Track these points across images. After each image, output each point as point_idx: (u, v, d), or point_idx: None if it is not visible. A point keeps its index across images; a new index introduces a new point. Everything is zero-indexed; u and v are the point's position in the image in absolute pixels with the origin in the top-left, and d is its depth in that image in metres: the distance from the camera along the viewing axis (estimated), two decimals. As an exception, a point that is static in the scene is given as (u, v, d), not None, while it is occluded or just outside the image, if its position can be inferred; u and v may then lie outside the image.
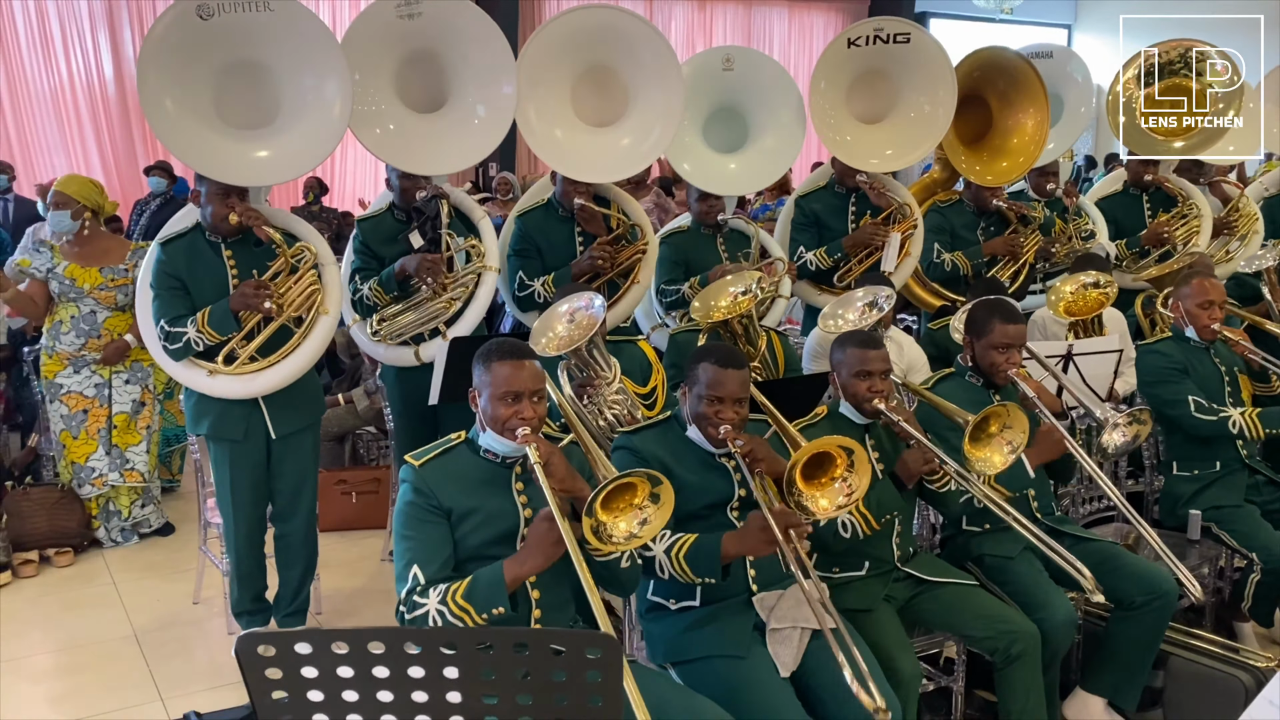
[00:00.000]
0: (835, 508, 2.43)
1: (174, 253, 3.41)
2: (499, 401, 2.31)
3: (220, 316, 3.33)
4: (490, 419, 2.33)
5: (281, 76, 3.50)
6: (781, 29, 13.79)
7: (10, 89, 9.24)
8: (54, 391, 4.54)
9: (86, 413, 4.55)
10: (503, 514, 2.33)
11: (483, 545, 2.30)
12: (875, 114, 4.70)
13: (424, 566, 2.24)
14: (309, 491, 3.71)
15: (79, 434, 4.54)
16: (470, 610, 2.17)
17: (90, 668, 3.59)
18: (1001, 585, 3.03)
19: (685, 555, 2.49)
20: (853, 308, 3.83)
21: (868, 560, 2.88)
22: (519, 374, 2.31)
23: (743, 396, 2.60)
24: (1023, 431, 2.78)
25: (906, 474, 2.83)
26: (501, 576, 2.18)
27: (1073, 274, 4.22)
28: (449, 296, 3.82)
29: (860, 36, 4.52)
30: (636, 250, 4.11)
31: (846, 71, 4.60)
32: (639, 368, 3.56)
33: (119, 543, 4.65)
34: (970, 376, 3.31)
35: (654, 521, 2.15)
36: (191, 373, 3.41)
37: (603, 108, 4.23)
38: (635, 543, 2.16)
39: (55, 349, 4.52)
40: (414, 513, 2.29)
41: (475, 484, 2.34)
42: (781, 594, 2.55)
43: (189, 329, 3.33)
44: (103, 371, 4.55)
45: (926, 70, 4.56)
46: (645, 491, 2.16)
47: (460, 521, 2.31)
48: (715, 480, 2.63)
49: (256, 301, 3.31)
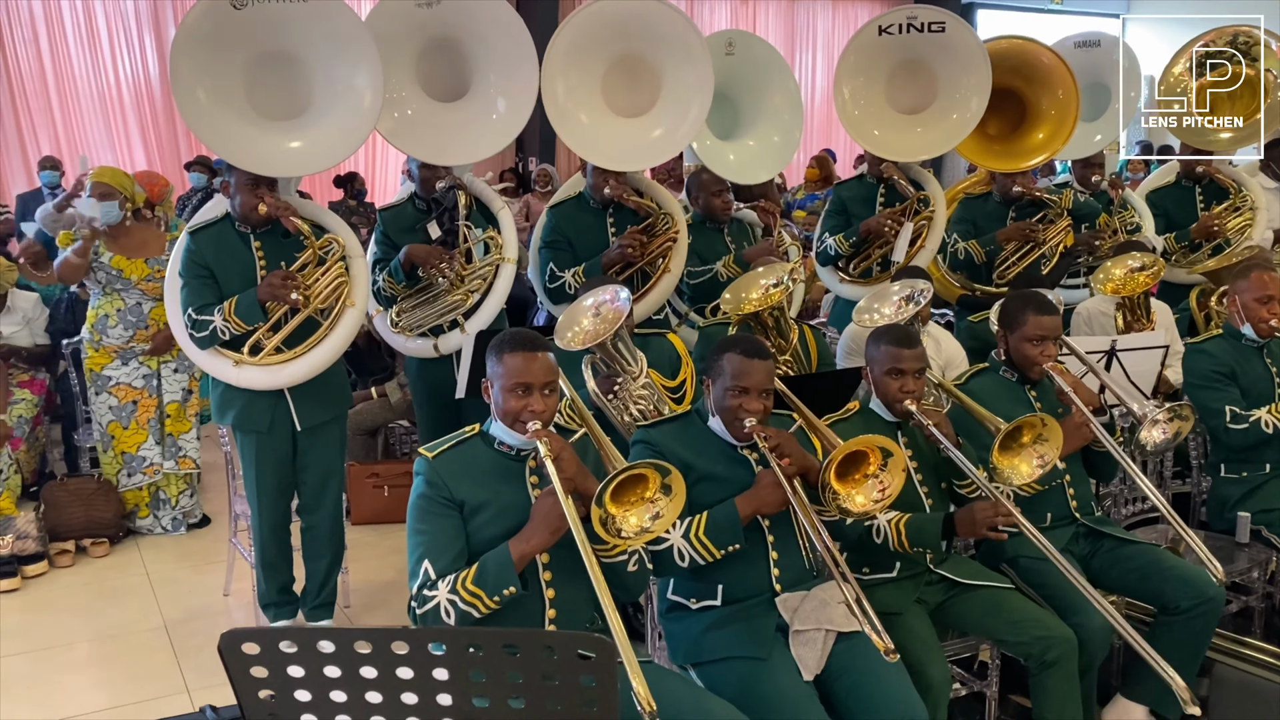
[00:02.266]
0: (872, 504, 2.35)
1: (203, 242, 3.41)
2: (509, 393, 2.26)
3: (247, 306, 3.33)
4: (501, 411, 2.29)
5: (313, 67, 3.48)
6: (825, 23, 13.60)
7: (59, 87, 9.39)
8: (101, 384, 4.61)
9: (136, 404, 4.63)
10: (516, 507, 2.28)
11: (496, 538, 2.25)
12: (916, 104, 4.60)
13: (435, 560, 2.21)
14: (335, 484, 3.70)
15: (129, 424, 4.61)
16: (481, 595, 2.13)
17: (121, 658, 3.61)
18: (1037, 588, 2.93)
19: (705, 531, 2.44)
20: (889, 301, 3.74)
21: (899, 561, 2.80)
22: (530, 366, 2.26)
23: (768, 388, 2.54)
24: (1056, 446, 2.68)
25: (968, 529, 2.67)
26: (509, 556, 2.15)
27: (1118, 257, 4.11)
28: (466, 289, 3.79)
29: (892, 24, 4.43)
30: (667, 239, 4.04)
31: (883, 61, 4.51)
32: (668, 361, 3.50)
33: (168, 530, 4.73)
34: (1004, 371, 3.22)
35: (666, 514, 2.10)
36: (218, 362, 3.41)
37: (633, 97, 4.17)
38: (647, 536, 2.11)
39: (102, 343, 4.58)
40: (426, 505, 2.26)
41: (488, 476, 2.30)
42: (805, 594, 2.48)
43: (215, 317, 3.33)
44: (150, 363, 4.63)
45: (963, 60, 4.45)
46: (656, 483, 2.11)
47: (473, 514, 2.27)
48: (737, 472, 2.56)
49: (283, 292, 3.30)
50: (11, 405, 5.01)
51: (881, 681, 2.32)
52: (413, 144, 3.88)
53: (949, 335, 4.15)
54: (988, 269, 4.64)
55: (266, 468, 3.52)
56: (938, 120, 4.52)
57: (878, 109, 4.52)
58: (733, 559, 2.46)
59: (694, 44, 4.01)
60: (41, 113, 9.36)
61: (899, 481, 2.36)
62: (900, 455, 2.37)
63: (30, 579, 4.22)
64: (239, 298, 3.34)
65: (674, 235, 4.07)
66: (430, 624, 2.16)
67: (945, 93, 4.53)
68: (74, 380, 5.07)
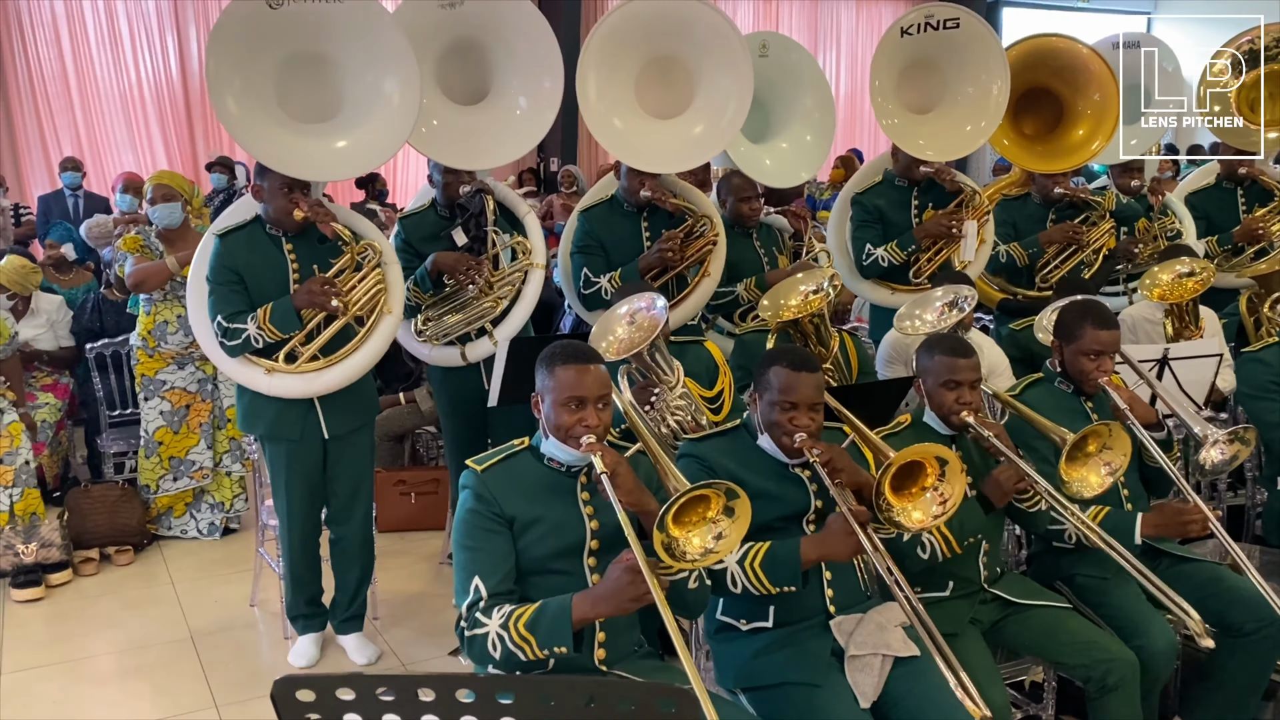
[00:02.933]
0: (931, 519, 2.25)
1: (233, 245, 3.31)
2: (562, 408, 2.17)
3: (283, 313, 3.24)
4: (553, 426, 2.20)
5: (348, 70, 3.40)
6: (849, 22, 13.48)
7: (80, 88, 9.38)
8: (154, 388, 4.57)
9: (189, 408, 4.61)
10: (568, 525, 2.20)
11: (546, 557, 2.17)
12: (925, 103, 4.50)
13: (486, 578, 2.12)
14: (365, 494, 3.63)
15: (180, 429, 4.59)
16: (532, 642, 2.04)
17: (147, 671, 3.55)
18: (1095, 608, 2.82)
19: (761, 563, 2.35)
20: (931, 308, 3.64)
21: (952, 580, 2.69)
22: (583, 379, 2.18)
23: (818, 402, 2.44)
24: (1124, 454, 2.58)
25: (998, 494, 2.63)
26: (569, 614, 2.02)
27: (1166, 262, 3.99)
28: (495, 296, 3.72)
29: (912, 25, 4.32)
30: (706, 242, 3.94)
31: (897, 62, 4.42)
32: (705, 370, 3.40)
33: (202, 534, 4.69)
34: (1060, 383, 3.11)
35: (730, 535, 2.01)
36: (249, 371, 3.32)
37: (669, 98, 4.07)
38: (711, 559, 2.02)
39: (159, 349, 4.55)
40: (476, 521, 2.17)
41: (539, 492, 2.22)
42: (861, 618, 2.38)
43: (249, 325, 3.24)
44: (206, 368, 4.60)
45: (977, 55, 4.34)
46: (719, 504, 2.02)
47: (523, 531, 2.18)
48: (790, 491, 2.46)
49: (324, 299, 3.22)
50: (34, 408, 4.97)
51: (941, 709, 2.22)
52: (435, 148, 3.79)
53: (991, 342, 4.04)
54: (1028, 272, 4.52)
55: (297, 478, 3.44)
56: (961, 116, 4.41)
57: (905, 110, 4.41)
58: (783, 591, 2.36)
59: (734, 45, 3.90)
60: (63, 113, 9.36)
61: (960, 488, 2.26)
62: (957, 461, 2.27)
63: (54, 588, 4.16)
64: (274, 305, 3.25)
65: (713, 238, 3.95)
66: (478, 650, 2.08)
67: (962, 88, 4.42)
68: (98, 384, 5.02)
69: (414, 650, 3.67)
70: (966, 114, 4.37)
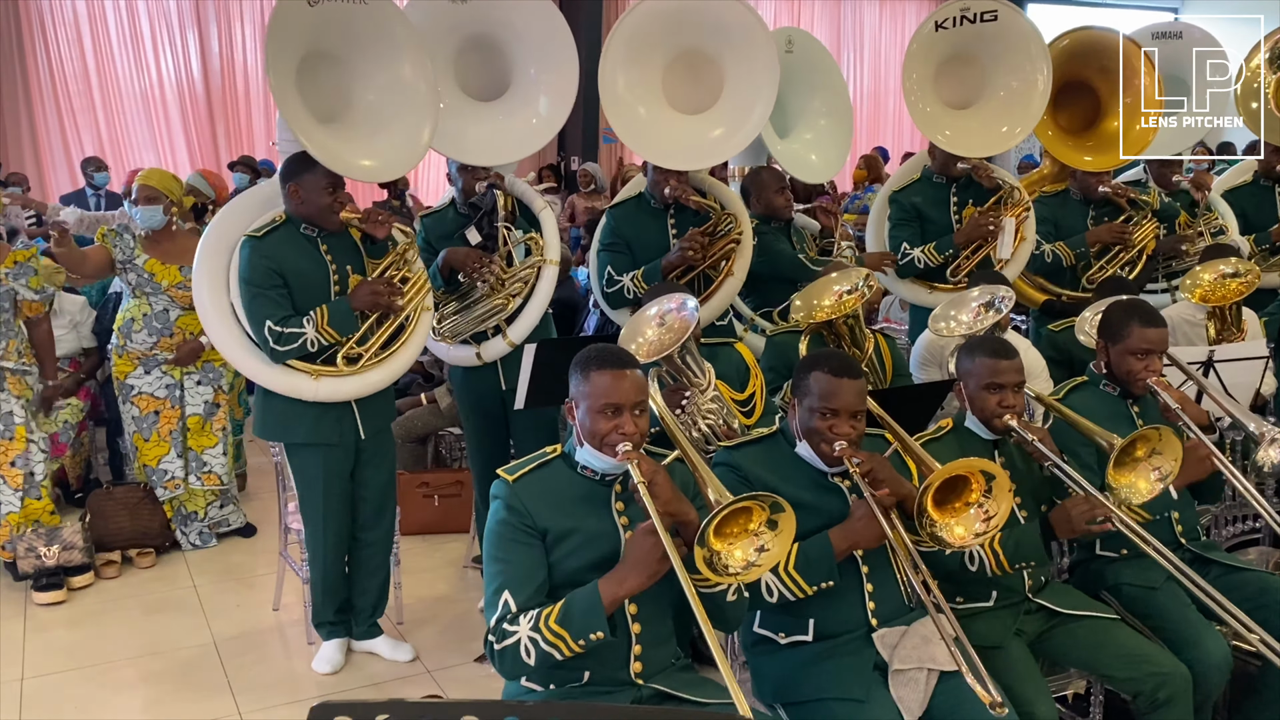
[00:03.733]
0: (974, 536, 2.17)
1: (274, 247, 3.22)
2: (598, 415, 2.10)
3: (343, 316, 3.20)
4: (589, 433, 2.13)
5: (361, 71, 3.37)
6: (873, 20, 13.36)
7: (102, 88, 9.39)
8: (125, 393, 4.47)
9: (158, 414, 4.47)
10: (602, 536, 2.13)
11: (580, 570, 2.10)
12: (964, 99, 4.40)
13: (516, 592, 2.05)
14: (393, 497, 3.60)
15: (150, 436, 4.46)
16: (566, 637, 1.98)
17: (170, 676, 3.50)
18: (1144, 619, 2.72)
19: (795, 565, 2.28)
20: (967, 309, 3.54)
21: (996, 590, 2.60)
22: (620, 384, 2.10)
23: (860, 409, 2.36)
24: (1175, 458, 2.48)
25: (1066, 529, 2.52)
26: (598, 598, 1.99)
27: (1209, 262, 3.88)
28: (507, 293, 3.65)
29: (947, 18, 4.23)
30: (730, 240, 3.86)
31: (934, 57, 4.32)
32: (736, 372, 3.32)
33: (197, 546, 4.57)
34: (1105, 385, 3.01)
35: (774, 549, 1.95)
36: (292, 379, 3.24)
37: (695, 93, 3.99)
38: (755, 572, 1.96)
39: (126, 348, 4.44)
40: (506, 533, 2.10)
41: (572, 502, 2.15)
42: (905, 630, 2.30)
43: (307, 329, 3.17)
44: (174, 372, 4.46)
45: (1017, 49, 4.25)
46: (762, 517, 1.95)
47: (557, 543, 2.11)
48: (829, 501, 2.38)
49: (389, 300, 3.23)
50: (57, 410, 4.93)
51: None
52: (449, 144, 3.73)
53: (1028, 344, 3.94)
54: (1071, 272, 4.40)
55: (335, 483, 3.38)
56: (1000, 111, 4.31)
57: (941, 106, 4.31)
58: (825, 591, 2.29)
59: (760, 40, 3.83)
60: (84, 112, 9.37)
61: (1005, 507, 2.19)
62: (1004, 478, 2.19)
63: (76, 590, 4.12)
64: (330, 307, 3.20)
65: (737, 236, 3.88)
66: (509, 662, 2.01)
67: (1003, 82, 4.32)
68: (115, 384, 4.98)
69: (439, 656, 3.61)
70: (1006, 109, 4.29)
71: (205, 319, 3.38)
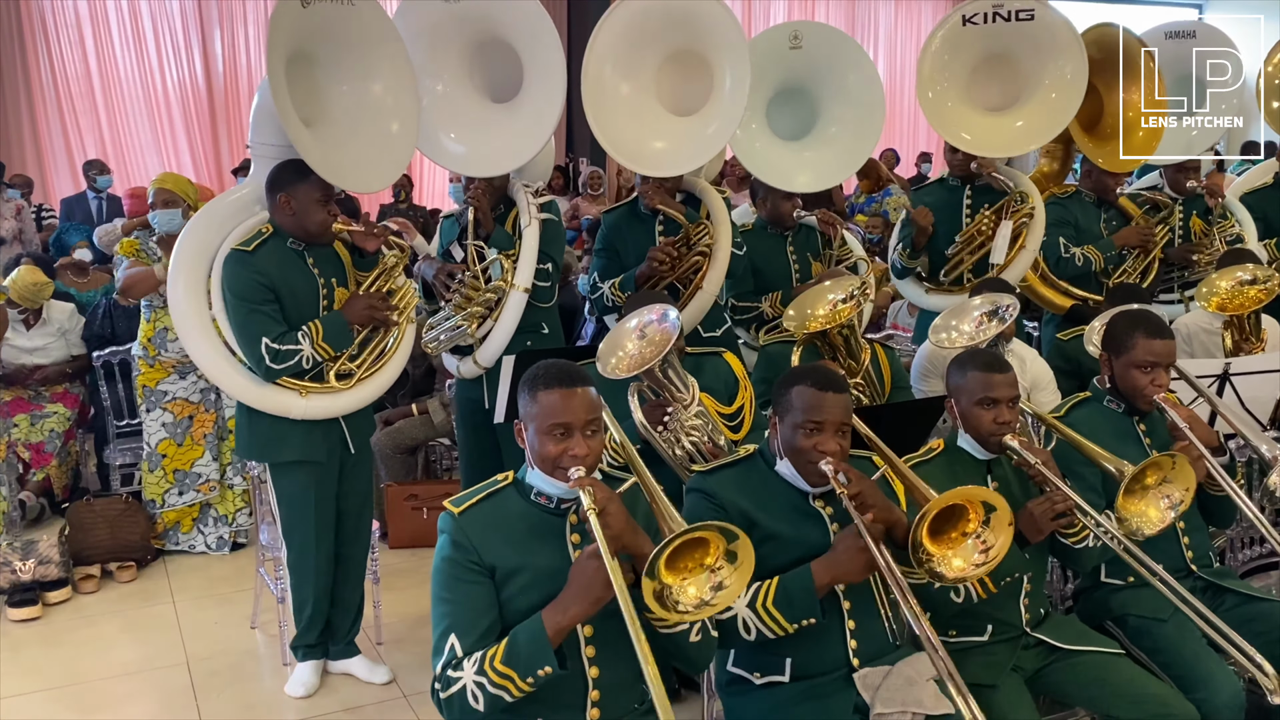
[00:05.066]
0: (973, 568, 2.02)
1: (265, 261, 3.08)
2: (546, 436, 1.96)
3: (337, 331, 3.10)
4: (538, 456, 1.99)
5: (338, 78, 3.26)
6: (887, 18, 13.16)
7: (104, 90, 9.33)
8: (156, 399, 4.42)
9: (192, 419, 4.45)
10: (554, 572, 1.98)
11: (532, 609, 1.95)
12: (1001, 102, 4.23)
13: (463, 636, 1.91)
14: (369, 511, 3.51)
15: (184, 440, 4.43)
16: (513, 676, 1.85)
17: (140, 698, 3.39)
18: (1151, 654, 2.56)
19: (774, 601, 2.13)
20: (969, 318, 3.38)
21: (991, 624, 2.44)
22: (569, 403, 1.96)
23: (846, 424, 2.21)
24: (1186, 487, 2.32)
25: (1031, 530, 2.37)
26: (543, 630, 1.87)
27: (1225, 268, 3.70)
28: (470, 314, 3.48)
29: (977, 14, 4.05)
30: (698, 253, 3.69)
31: (965, 56, 4.14)
32: (723, 384, 3.14)
33: (211, 549, 4.52)
34: (1109, 401, 2.84)
35: (731, 585, 1.82)
36: (281, 397, 3.12)
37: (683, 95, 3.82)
38: (707, 611, 1.82)
39: (159, 358, 4.40)
40: (452, 570, 1.96)
41: (523, 535, 2.00)
42: (888, 670, 2.14)
43: (304, 345, 3.05)
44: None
45: (1054, 49, 4.08)
46: (720, 548, 1.80)
47: (506, 581, 1.97)
48: (808, 530, 2.23)
49: (384, 314, 3.13)
50: (43, 419, 4.85)
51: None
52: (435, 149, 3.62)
53: (1035, 354, 3.77)
54: (1096, 277, 4.23)
55: (323, 503, 3.26)
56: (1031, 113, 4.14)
57: (963, 106, 4.14)
58: (803, 629, 2.13)
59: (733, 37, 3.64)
60: (87, 115, 9.32)
61: (1005, 540, 2.03)
62: (1005, 510, 2.04)
63: (52, 606, 4.01)
64: (323, 322, 3.09)
65: (705, 249, 3.69)
66: (457, 711, 1.88)
67: (1034, 85, 4.15)
68: (104, 393, 4.89)
69: (417, 678, 3.46)
70: (1033, 110, 4.14)
71: (185, 333, 3.24)
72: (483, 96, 3.71)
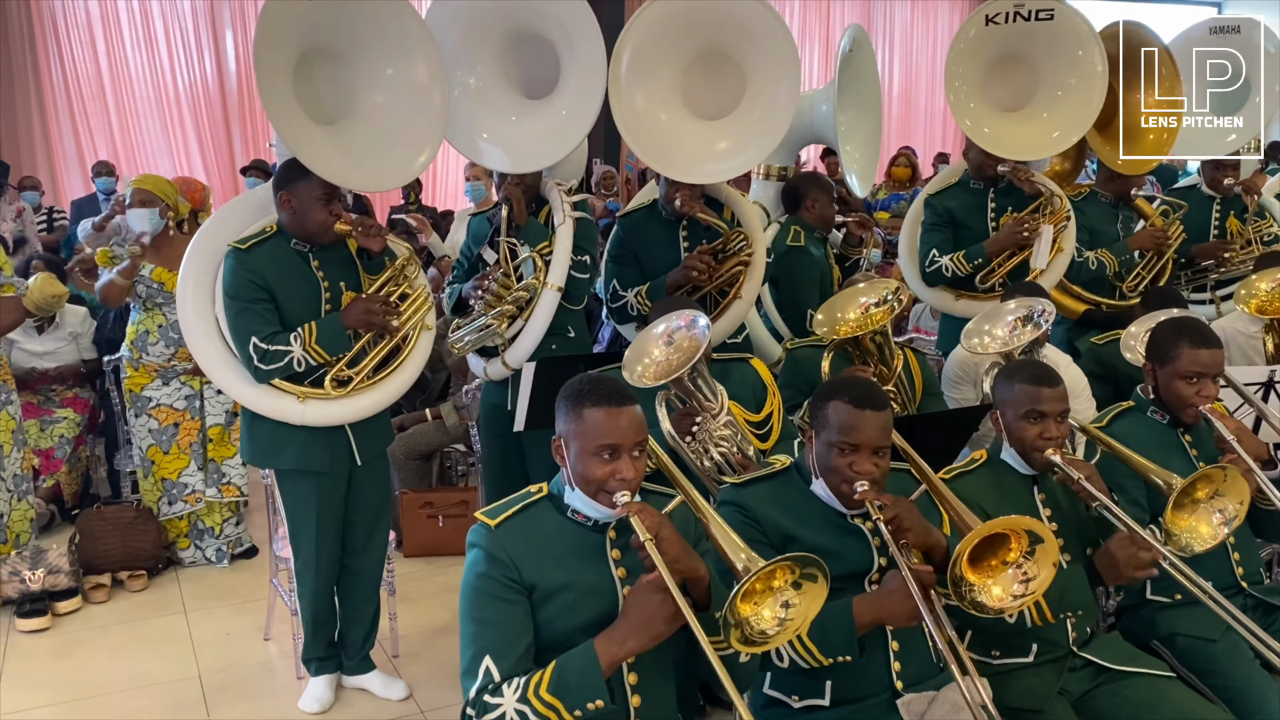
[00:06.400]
0: (1012, 599, 1.92)
1: (260, 260, 3.00)
2: (593, 458, 1.86)
3: (333, 334, 2.98)
4: (582, 479, 1.88)
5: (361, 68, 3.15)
6: (904, 17, 13.02)
7: (116, 91, 9.27)
8: (141, 405, 4.30)
9: (178, 426, 4.31)
10: (598, 591, 1.89)
11: (572, 631, 1.87)
12: (1015, 101, 4.13)
13: (499, 659, 1.82)
14: (385, 524, 3.39)
15: (170, 449, 4.30)
16: (559, 707, 1.76)
17: (148, 712, 3.30)
18: (1202, 676, 2.45)
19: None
20: (1002, 323, 3.26)
21: (1036, 644, 2.34)
22: (617, 423, 1.86)
23: (884, 445, 2.10)
24: (1240, 500, 2.22)
25: (1113, 574, 2.26)
26: (595, 660, 1.77)
27: (1266, 270, 3.59)
28: (501, 313, 3.37)
29: (999, 13, 3.96)
30: (738, 262, 3.58)
31: (982, 55, 4.05)
32: (751, 392, 3.05)
33: (212, 562, 4.41)
34: (1153, 412, 2.74)
35: (802, 605, 1.75)
36: (278, 401, 3.02)
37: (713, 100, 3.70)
38: (788, 632, 1.75)
39: (142, 361, 4.28)
40: (488, 588, 1.86)
41: (564, 553, 1.91)
42: (934, 696, 2.05)
43: (294, 347, 2.95)
44: (193, 382, 4.30)
45: (1072, 49, 3.98)
46: (789, 576, 1.75)
47: (546, 600, 1.87)
48: (850, 546, 2.14)
49: (383, 319, 3.00)
50: (52, 424, 4.78)
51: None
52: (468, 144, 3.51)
53: (1069, 360, 3.65)
54: (1107, 281, 4.13)
55: (327, 514, 3.16)
56: (1052, 113, 4.03)
57: (987, 107, 4.04)
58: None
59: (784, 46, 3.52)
60: (98, 116, 9.25)
61: (1047, 576, 1.94)
62: (1052, 543, 1.93)
63: (62, 616, 3.94)
64: (319, 325, 2.98)
65: (747, 258, 3.59)
66: None
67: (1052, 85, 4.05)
68: (115, 397, 4.82)
69: (435, 693, 3.38)
70: (1059, 112, 4.02)
71: (189, 333, 3.16)
72: (517, 92, 3.62)
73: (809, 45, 12.32)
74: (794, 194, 4.14)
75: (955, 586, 1.95)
